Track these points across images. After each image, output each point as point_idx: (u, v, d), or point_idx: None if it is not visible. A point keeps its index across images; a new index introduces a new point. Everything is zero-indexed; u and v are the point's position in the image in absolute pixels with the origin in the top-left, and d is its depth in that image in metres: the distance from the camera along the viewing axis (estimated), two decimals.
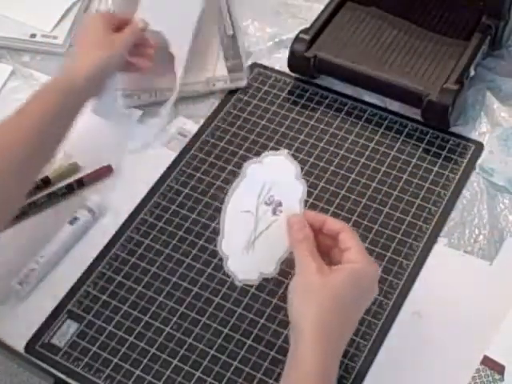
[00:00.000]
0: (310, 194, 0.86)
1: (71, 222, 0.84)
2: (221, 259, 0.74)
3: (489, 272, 0.79)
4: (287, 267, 0.71)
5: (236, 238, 0.72)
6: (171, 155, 0.91)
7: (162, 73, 0.95)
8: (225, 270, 0.73)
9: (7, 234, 0.84)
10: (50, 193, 0.87)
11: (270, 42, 1.02)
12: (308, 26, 0.96)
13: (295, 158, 0.89)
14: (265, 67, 0.99)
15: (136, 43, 0.91)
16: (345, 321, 0.66)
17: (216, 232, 0.82)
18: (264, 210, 0.72)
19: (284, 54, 0.97)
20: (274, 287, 0.79)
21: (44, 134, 0.79)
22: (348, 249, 0.67)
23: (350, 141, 0.90)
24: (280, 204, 0.72)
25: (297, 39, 0.94)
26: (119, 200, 0.87)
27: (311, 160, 0.89)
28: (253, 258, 0.72)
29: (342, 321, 0.66)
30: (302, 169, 0.87)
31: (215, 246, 0.80)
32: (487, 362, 0.72)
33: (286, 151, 0.76)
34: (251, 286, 0.78)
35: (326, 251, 0.70)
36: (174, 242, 0.83)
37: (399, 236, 0.82)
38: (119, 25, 0.91)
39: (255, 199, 0.73)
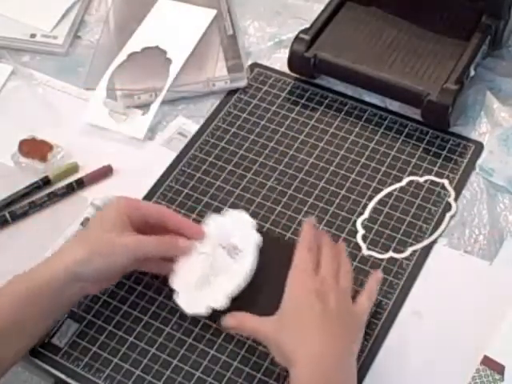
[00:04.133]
0: (309, 194, 0.86)
1: (83, 224, 0.83)
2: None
3: (489, 272, 0.79)
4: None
5: (188, 276, 0.75)
6: (171, 155, 0.91)
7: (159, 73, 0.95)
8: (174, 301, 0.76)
9: (7, 233, 0.84)
10: (50, 193, 0.87)
11: (270, 42, 1.02)
12: (308, 26, 0.96)
13: (295, 157, 0.90)
14: (265, 67, 0.99)
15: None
16: None
17: None
18: (220, 253, 0.76)
19: (284, 54, 0.97)
20: None
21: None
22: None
23: (350, 141, 0.90)
24: (236, 247, 0.76)
25: (297, 39, 0.94)
26: None
27: (311, 160, 0.89)
28: (202, 293, 0.75)
29: None
30: (301, 169, 0.88)
31: None
32: (487, 361, 0.72)
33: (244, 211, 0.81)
34: None
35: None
36: None
37: (399, 236, 0.82)
38: (153, 222, 0.76)
39: (211, 243, 0.77)
